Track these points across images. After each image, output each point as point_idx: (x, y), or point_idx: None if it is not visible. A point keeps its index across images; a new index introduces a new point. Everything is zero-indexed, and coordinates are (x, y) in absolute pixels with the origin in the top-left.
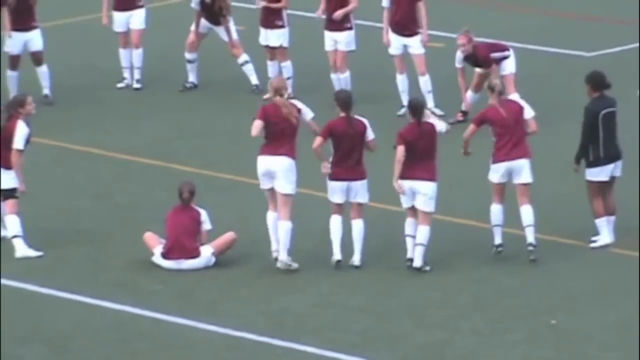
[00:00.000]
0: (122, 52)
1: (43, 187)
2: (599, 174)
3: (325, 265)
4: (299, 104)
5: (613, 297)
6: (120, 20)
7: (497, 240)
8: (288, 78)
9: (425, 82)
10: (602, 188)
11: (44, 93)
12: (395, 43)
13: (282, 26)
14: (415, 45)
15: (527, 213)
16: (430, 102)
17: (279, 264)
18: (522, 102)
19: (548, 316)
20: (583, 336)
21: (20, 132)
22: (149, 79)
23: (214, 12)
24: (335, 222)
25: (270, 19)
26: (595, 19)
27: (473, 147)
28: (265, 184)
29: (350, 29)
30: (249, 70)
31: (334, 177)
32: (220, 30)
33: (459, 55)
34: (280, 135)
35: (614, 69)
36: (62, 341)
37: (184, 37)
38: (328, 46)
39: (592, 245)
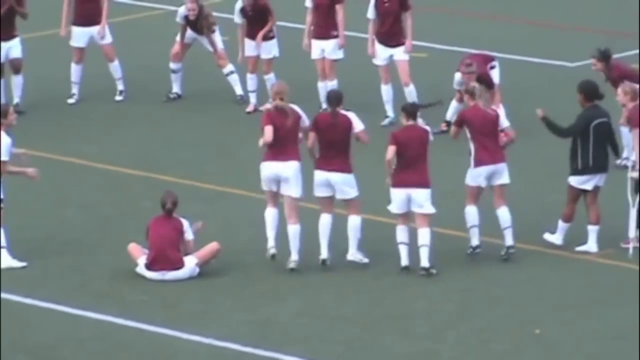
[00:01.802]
0: (74, 67)
1: (28, 197)
2: (584, 182)
3: (310, 274)
4: (299, 110)
5: (598, 307)
6: (80, 35)
7: (474, 241)
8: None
9: (410, 93)
10: (581, 196)
11: (14, 102)
12: (382, 54)
13: (272, 37)
14: (400, 52)
15: (505, 215)
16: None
17: (291, 265)
18: (500, 111)
19: (533, 326)
20: (568, 346)
21: (4, 142)
22: (133, 89)
23: (197, 27)
24: (323, 220)
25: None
26: (579, 29)
27: (455, 156)
28: (268, 186)
29: (336, 37)
30: (234, 81)
31: (317, 167)
32: (205, 41)
33: (458, 77)
34: (285, 139)
35: (597, 79)
36: (46, 352)
37: (168, 48)
38: (315, 54)
39: (577, 249)
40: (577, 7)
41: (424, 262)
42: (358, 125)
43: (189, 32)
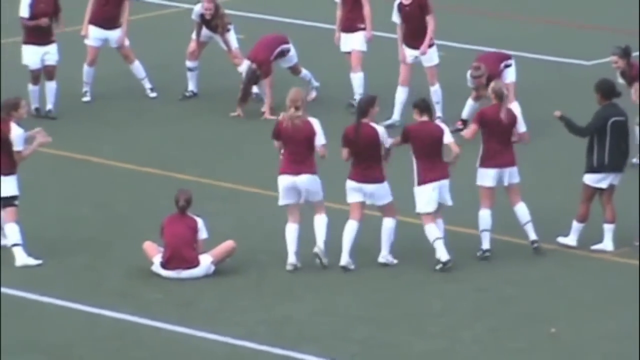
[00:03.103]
0: (87, 69)
1: (43, 196)
2: (599, 180)
3: (325, 273)
4: (316, 125)
5: (613, 306)
6: (97, 35)
7: (485, 245)
8: None
9: (435, 92)
10: (595, 195)
11: (47, 108)
12: (407, 55)
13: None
14: (427, 57)
15: (523, 210)
16: (438, 112)
17: (316, 249)
18: (516, 110)
19: (549, 325)
20: (584, 345)
21: (16, 133)
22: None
23: (212, 25)
24: (350, 226)
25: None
26: (595, 27)
27: (471, 152)
28: (287, 199)
29: (363, 29)
30: None
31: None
32: (220, 39)
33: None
34: (299, 150)
35: (614, 78)
36: (62, 350)
37: (184, 46)
38: (345, 48)
39: (592, 247)
40: (593, 5)
41: (441, 254)
42: (383, 137)
43: (205, 31)
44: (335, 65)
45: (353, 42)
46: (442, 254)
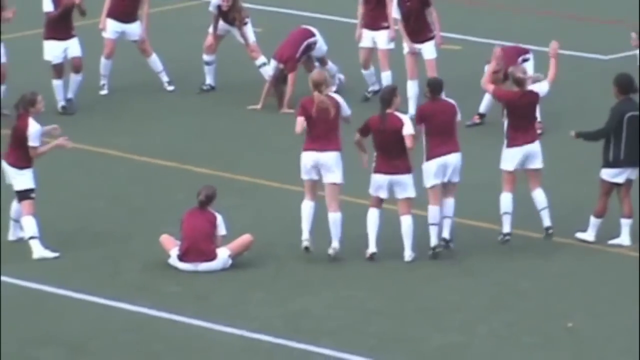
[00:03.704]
0: (104, 62)
1: (60, 188)
2: (616, 175)
3: (342, 267)
4: (338, 98)
5: (630, 301)
6: (114, 29)
7: (506, 228)
8: None
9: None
10: (613, 190)
11: (68, 96)
12: (410, 47)
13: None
14: (428, 50)
15: (541, 196)
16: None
17: (331, 251)
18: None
19: (565, 319)
20: (600, 340)
21: (33, 129)
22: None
23: (229, 19)
24: (372, 215)
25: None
26: (612, 21)
27: (488, 149)
28: (309, 175)
29: (387, 28)
30: (266, 73)
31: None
32: (237, 33)
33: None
34: (324, 128)
35: (632, 72)
36: (79, 343)
37: (201, 39)
38: (363, 43)
39: (609, 242)
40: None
41: (446, 233)
42: (407, 129)
43: (222, 24)
44: (352, 59)
45: (378, 41)
46: (432, 239)
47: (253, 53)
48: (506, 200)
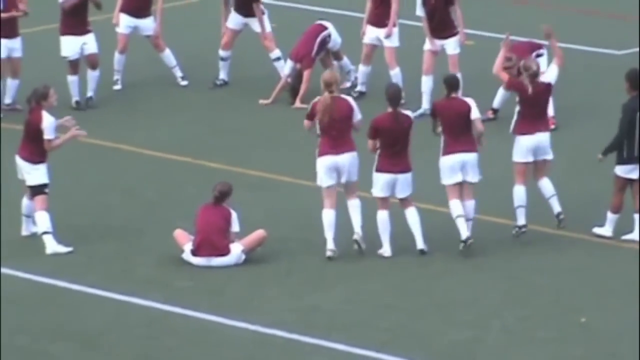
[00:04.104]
0: (118, 57)
1: (74, 183)
2: (630, 171)
3: (355, 262)
4: (351, 101)
5: None
6: (128, 23)
7: (521, 221)
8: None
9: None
10: (628, 185)
11: (88, 95)
12: (435, 43)
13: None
14: (451, 45)
15: (548, 185)
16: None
17: (356, 236)
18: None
19: (579, 314)
20: (613, 335)
21: (48, 122)
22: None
23: (245, 2)
24: (382, 216)
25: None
26: (626, 17)
27: (502, 144)
28: (329, 181)
29: (393, 25)
30: (281, 67)
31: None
32: (253, 22)
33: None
34: (338, 130)
35: None
36: (93, 337)
37: (214, 34)
38: (366, 39)
39: (623, 237)
40: None
41: (466, 233)
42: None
43: (237, 18)
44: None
45: (384, 39)
46: (463, 232)
47: (267, 42)
48: (520, 193)
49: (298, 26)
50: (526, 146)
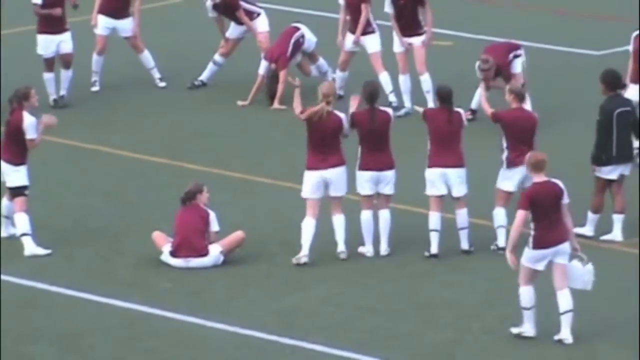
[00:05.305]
0: (96, 58)
1: (53, 185)
2: (610, 172)
3: (335, 264)
4: (342, 115)
5: (622, 295)
6: (106, 25)
7: (501, 242)
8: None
9: (424, 82)
10: (608, 185)
11: (60, 94)
12: (400, 42)
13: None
14: (419, 41)
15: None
16: (429, 103)
17: (342, 255)
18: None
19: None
20: (593, 334)
21: (29, 122)
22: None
23: (228, 9)
24: (365, 216)
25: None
26: (604, 17)
27: (484, 147)
28: (314, 193)
29: (372, 32)
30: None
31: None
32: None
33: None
34: (328, 143)
35: (624, 68)
36: (71, 340)
37: (193, 36)
38: (346, 47)
39: (602, 237)
40: None
41: (465, 245)
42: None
43: (236, 27)
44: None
45: (368, 46)
46: (433, 246)
47: (260, 43)
48: (500, 215)
49: (278, 28)
50: (515, 177)
